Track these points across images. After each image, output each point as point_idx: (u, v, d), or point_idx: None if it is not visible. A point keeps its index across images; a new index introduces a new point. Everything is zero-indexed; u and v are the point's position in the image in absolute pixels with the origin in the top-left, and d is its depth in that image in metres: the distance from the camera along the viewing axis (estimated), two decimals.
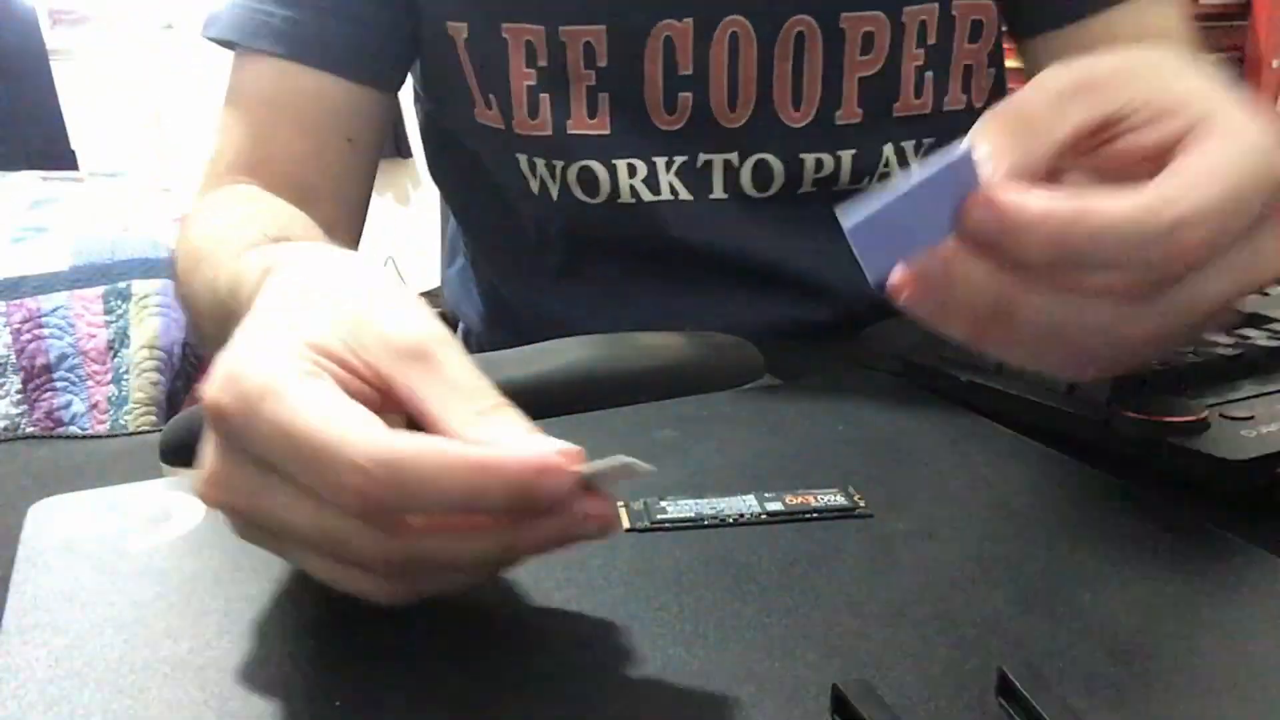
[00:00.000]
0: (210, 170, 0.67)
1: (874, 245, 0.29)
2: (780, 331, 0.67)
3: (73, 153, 2.43)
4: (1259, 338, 0.47)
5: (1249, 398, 0.43)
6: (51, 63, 2.46)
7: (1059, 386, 0.45)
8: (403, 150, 3.52)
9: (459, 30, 0.66)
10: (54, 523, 0.39)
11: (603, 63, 0.64)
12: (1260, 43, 2.07)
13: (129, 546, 0.37)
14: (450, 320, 0.94)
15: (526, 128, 0.67)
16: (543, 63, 0.65)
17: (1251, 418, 0.40)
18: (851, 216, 0.29)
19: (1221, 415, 0.40)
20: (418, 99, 0.77)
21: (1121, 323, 0.31)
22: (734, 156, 0.66)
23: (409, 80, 0.74)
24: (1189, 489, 0.39)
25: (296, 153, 0.66)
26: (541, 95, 0.66)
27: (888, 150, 0.67)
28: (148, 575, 0.35)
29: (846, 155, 0.66)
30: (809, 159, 0.66)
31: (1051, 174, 0.33)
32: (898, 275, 0.32)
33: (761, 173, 0.67)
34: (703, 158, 0.66)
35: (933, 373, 0.50)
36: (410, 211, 3.49)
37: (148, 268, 1.59)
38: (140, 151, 2.72)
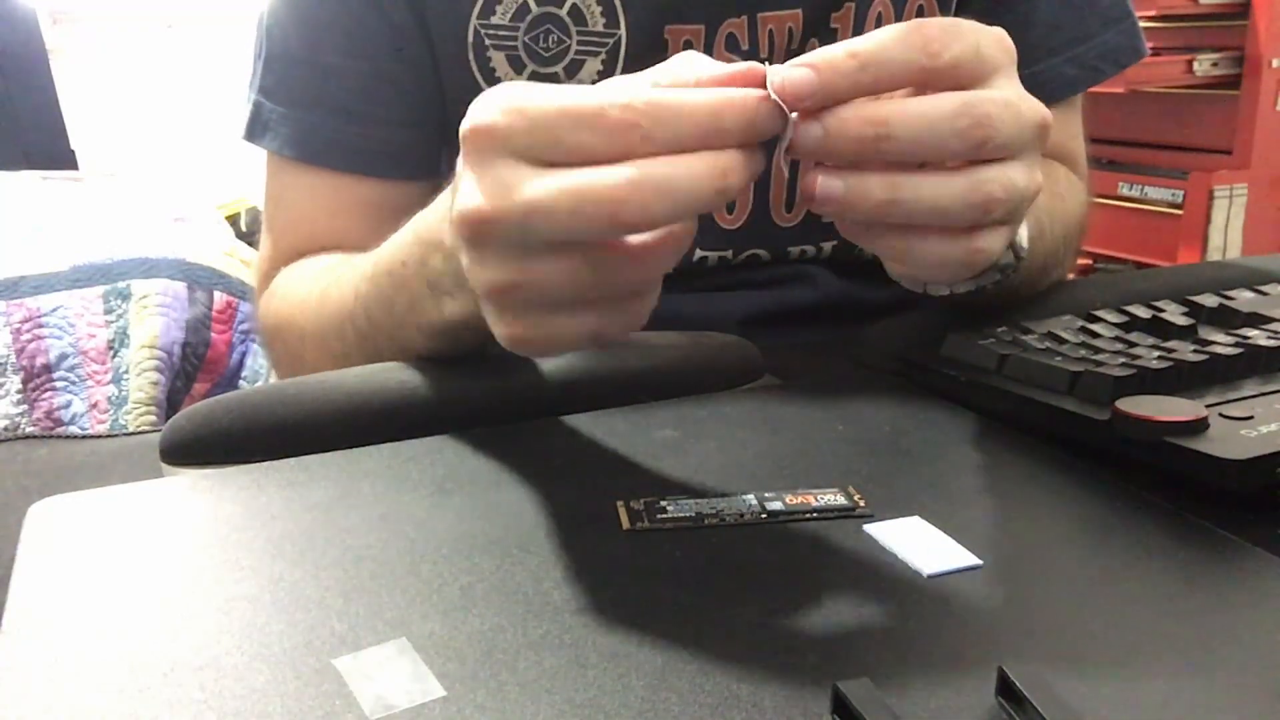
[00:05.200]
0: (268, 269, 0.69)
1: None
2: (769, 318, 0.69)
3: (73, 153, 2.43)
4: (1259, 338, 0.47)
5: (1249, 397, 0.43)
6: (51, 63, 2.46)
7: (1060, 386, 0.45)
8: None
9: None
10: (54, 523, 0.39)
11: None
12: (1260, 43, 2.07)
13: (129, 546, 0.37)
14: None
15: None
16: None
17: (1251, 417, 0.40)
18: None
19: (1221, 415, 0.40)
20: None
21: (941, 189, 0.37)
22: (729, 253, 0.70)
23: None
24: (1189, 489, 0.39)
25: (359, 240, 0.65)
26: None
27: None
28: (148, 575, 0.35)
29: (828, 245, 0.71)
30: (795, 249, 0.71)
31: None
32: (804, 186, 0.39)
33: (751, 261, 0.71)
34: (699, 253, 0.69)
35: (933, 373, 0.50)
36: None
37: (148, 268, 1.59)
38: (140, 151, 2.72)
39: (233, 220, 2.24)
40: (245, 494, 0.41)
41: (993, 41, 0.38)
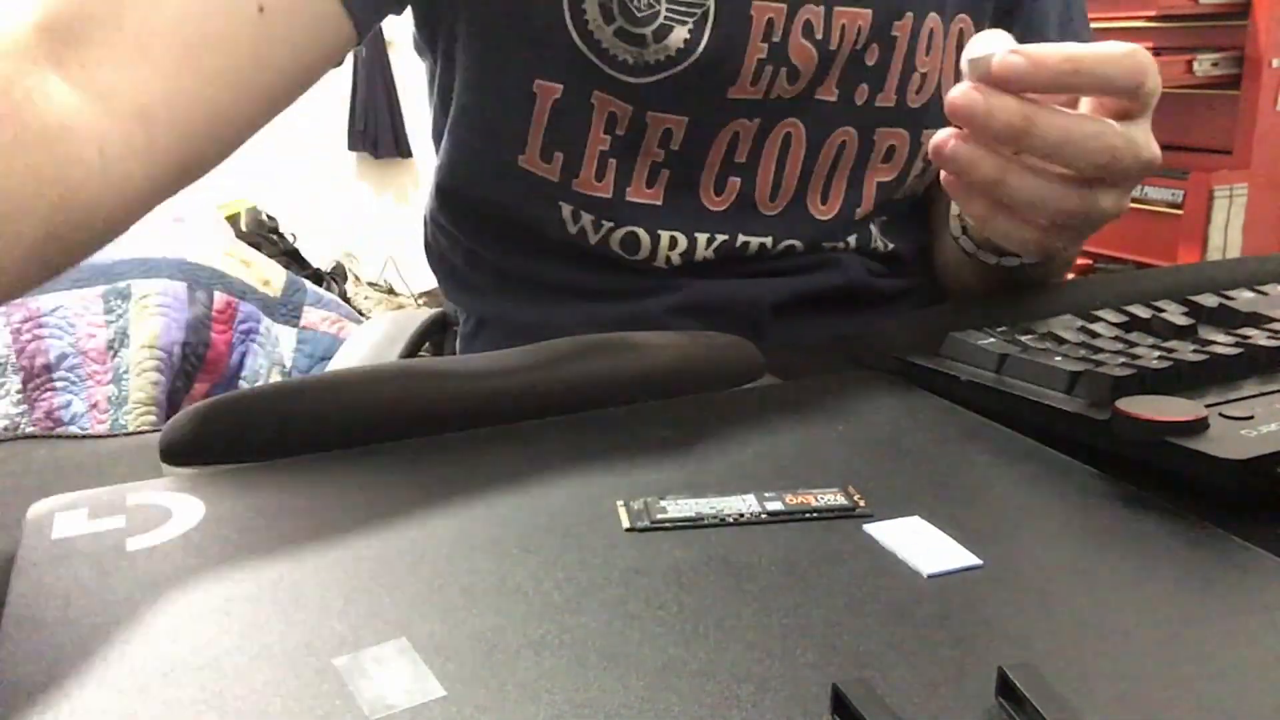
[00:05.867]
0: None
1: None
2: (801, 302, 0.71)
3: None
4: (1259, 338, 0.47)
5: (1249, 397, 0.43)
6: None
7: (1060, 386, 0.45)
8: (403, 150, 3.52)
9: (551, 90, 0.67)
10: (54, 523, 0.39)
11: (675, 146, 0.69)
12: (1260, 43, 2.07)
13: (129, 546, 0.37)
14: (451, 318, 0.94)
15: (589, 187, 0.69)
16: (620, 132, 0.68)
17: (1251, 417, 0.40)
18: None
19: (1221, 415, 0.40)
20: (450, 128, 0.74)
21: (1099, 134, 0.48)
22: (769, 240, 0.72)
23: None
24: (1189, 489, 0.39)
25: (171, 14, 0.46)
26: (610, 160, 0.69)
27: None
28: (148, 575, 0.35)
29: (853, 238, 0.75)
30: (828, 244, 0.74)
31: None
32: (937, 139, 0.49)
33: (787, 250, 0.73)
34: (741, 238, 0.71)
35: (933, 373, 0.50)
36: (410, 211, 3.49)
37: (147, 268, 1.59)
38: None
39: (233, 220, 2.25)
40: (245, 494, 0.41)
41: (1158, 81, 0.48)
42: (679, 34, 0.65)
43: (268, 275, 1.83)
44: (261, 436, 0.45)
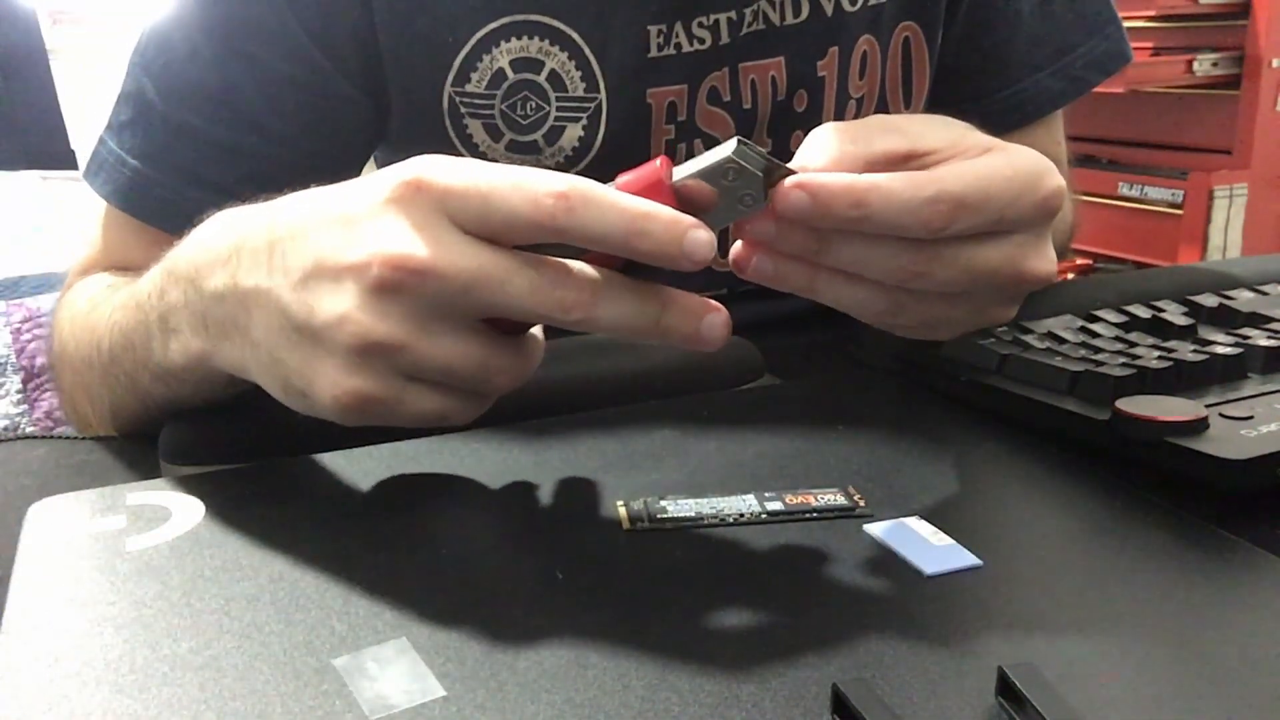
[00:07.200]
0: (72, 280, 0.65)
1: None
2: (769, 326, 0.69)
3: (73, 153, 2.42)
4: (1259, 338, 0.47)
5: (1249, 398, 0.43)
6: (51, 62, 2.46)
7: (1060, 386, 0.45)
8: None
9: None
10: (54, 523, 0.39)
11: None
12: (1260, 43, 2.07)
13: (129, 546, 0.37)
14: None
15: None
16: None
17: (1251, 417, 0.40)
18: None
19: (1221, 415, 0.40)
20: None
21: (911, 264, 0.40)
22: (724, 291, 0.69)
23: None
24: (1189, 489, 0.39)
25: None
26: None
27: None
28: (148, 575, 0.35)
29: None
30: None
31: None
32: (736, 251, 0.41)
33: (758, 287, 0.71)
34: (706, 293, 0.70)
35: (933, 372, 0.50)
36: None
37: None
38: None
39: None
40: (244, 494, 0.41)
41: (1029, 204, 0.42)
42: (572, 133, 0.62)
43: None
44: (261, 436, 0.45)
